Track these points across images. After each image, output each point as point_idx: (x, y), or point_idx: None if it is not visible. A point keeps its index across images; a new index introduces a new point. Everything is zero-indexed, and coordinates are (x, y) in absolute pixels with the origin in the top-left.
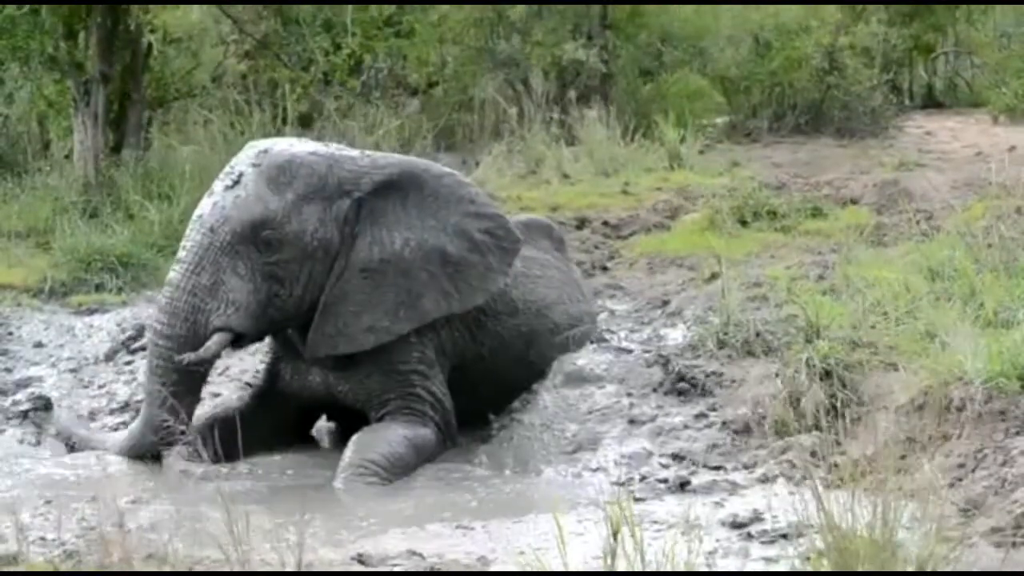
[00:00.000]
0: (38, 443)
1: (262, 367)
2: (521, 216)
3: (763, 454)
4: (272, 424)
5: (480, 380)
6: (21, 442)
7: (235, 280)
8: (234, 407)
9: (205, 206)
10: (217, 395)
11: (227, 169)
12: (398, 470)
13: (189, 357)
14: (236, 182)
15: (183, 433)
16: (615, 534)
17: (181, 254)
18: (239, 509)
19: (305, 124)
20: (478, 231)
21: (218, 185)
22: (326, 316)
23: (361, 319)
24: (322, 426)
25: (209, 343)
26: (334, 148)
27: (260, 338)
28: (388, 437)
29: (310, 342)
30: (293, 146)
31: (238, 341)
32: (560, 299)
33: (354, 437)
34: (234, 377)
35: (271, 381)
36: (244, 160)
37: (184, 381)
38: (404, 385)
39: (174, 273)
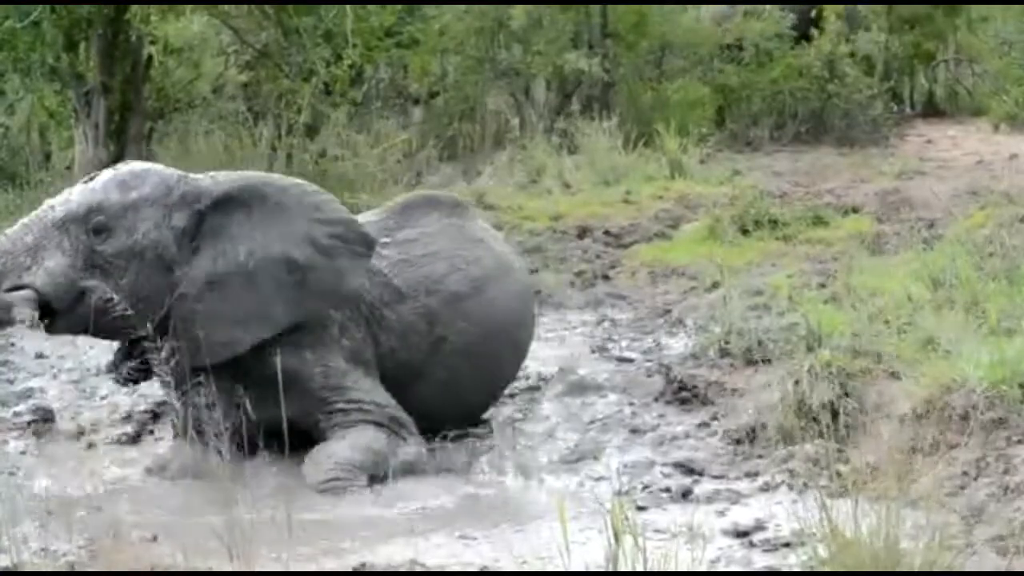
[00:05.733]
0: (40, 454)
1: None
2: (401, 198)
3: (765, 463)
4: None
5: (409, 373)
6: (23, 453)
7: (56, 252)
8: None
9: (59, 196)
10: None
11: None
12: (356, 474)
13: None
14: (91, 179)
15: None
16: (616, 536)
17: (22, 220)
18: (240, 518)
19: (310, 135)
20: (325, 236)
21: (77, 184)
22: (179, 333)
23: (215, 333)
24: None
25: (10, 296)
26: (190, 174)
27: (75, 323)
28: (331, 452)
29: (157, 358)
30: (153, 164)
31: (50, 319)
32: (452, 268)
33: (302, 468)
34: None
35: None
36: (107, 170)
37: None
38: (322, 406)
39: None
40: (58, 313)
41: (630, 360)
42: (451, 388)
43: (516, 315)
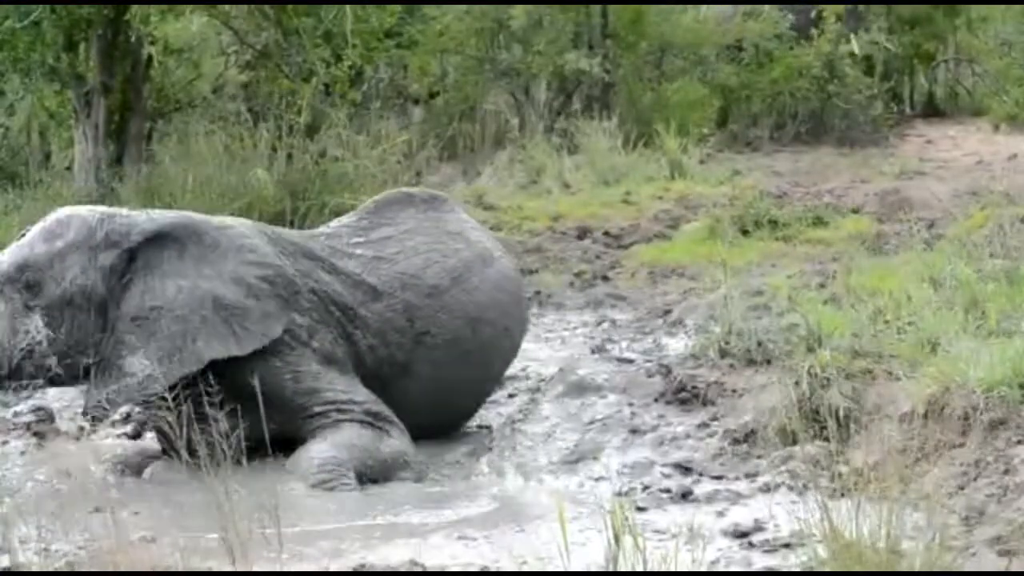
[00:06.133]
0: (40, 454)
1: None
2: (377, 196)
3: (765, 463)
4: None
5: (393, 370)
6: (23, 453)
7: None
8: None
9: None
10: None
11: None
12: (342, 472)
13: None
14: (22, 236)
15: None
16: (616, 539)
17: None
18: (238, 521)
19: (310, 136)
20: (255, 277)
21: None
22: (103, 369)
23: (142, 369)
24: None
25: None
26: (122, 210)
27: (20, 378)
28: (312, 454)
29: (89, 397)
30: (80, 208)
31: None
32: (429, 262)
33: (289, 471)
34: None
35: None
36: (38, 223)
37: None
38: (300, 412)
39: None
40: (7, 373)
41: (630, 360)
42: (439, 382)
43: (500, 304)
